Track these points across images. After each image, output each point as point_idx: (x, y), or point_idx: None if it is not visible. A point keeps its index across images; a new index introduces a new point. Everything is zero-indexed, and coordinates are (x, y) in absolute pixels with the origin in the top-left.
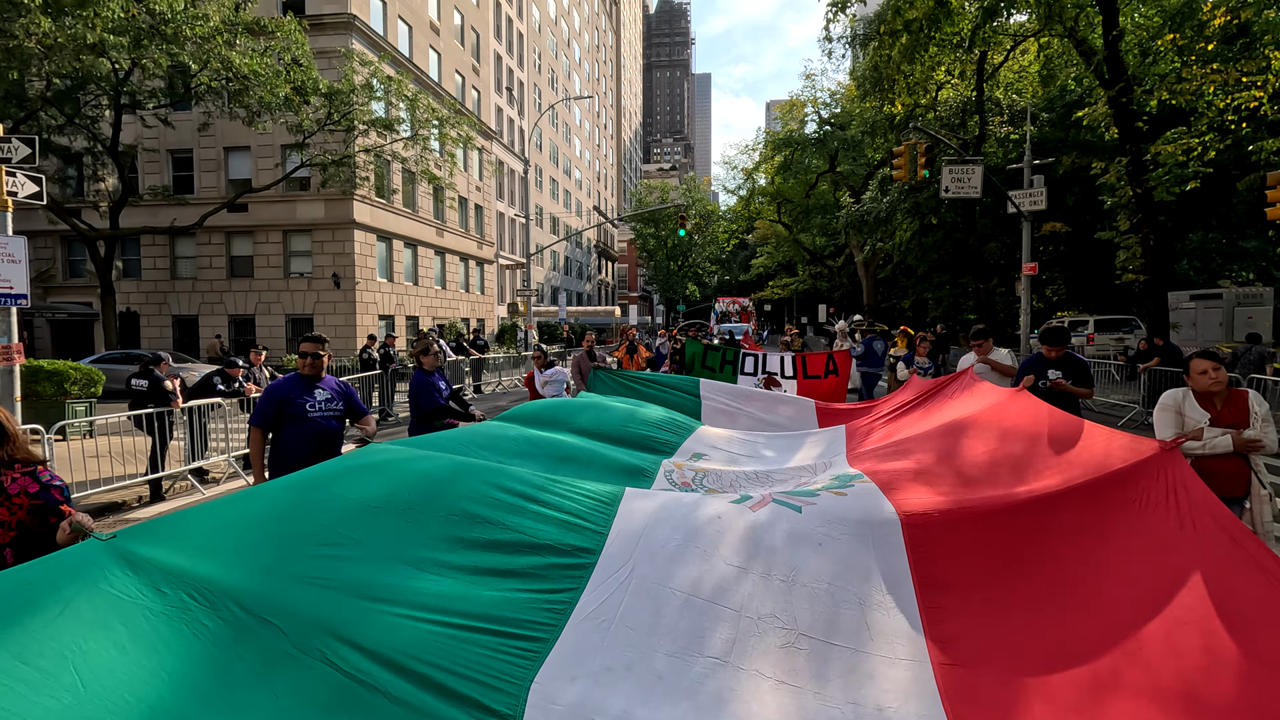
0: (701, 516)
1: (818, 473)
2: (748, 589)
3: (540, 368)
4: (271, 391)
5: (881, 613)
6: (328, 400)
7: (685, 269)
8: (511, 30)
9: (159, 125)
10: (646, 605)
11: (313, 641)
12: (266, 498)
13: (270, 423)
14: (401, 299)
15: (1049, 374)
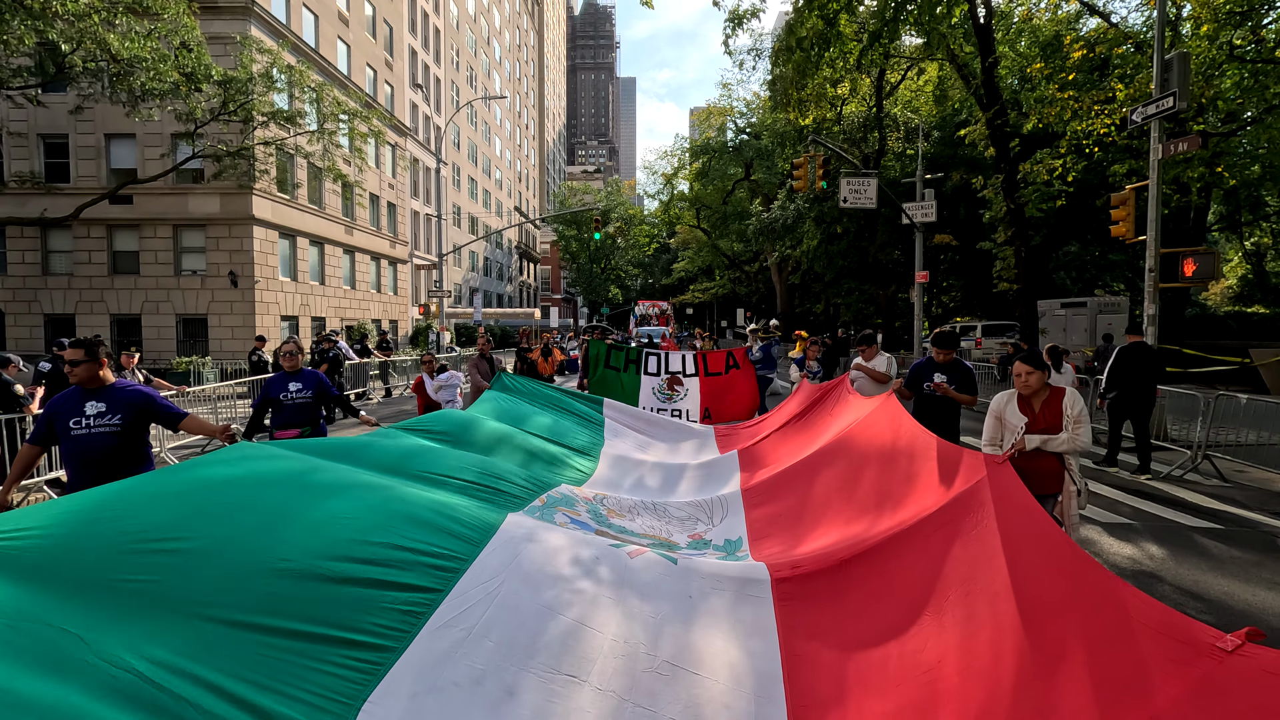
0: (583, 551)
1: (714, 514)
2: (617, 617)
3: (431, 373)
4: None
5: (741, 652)
6: (100, 415)
7: (608, 272)
8: (428, 25)
9: (27, 105)
10: (513, 619)
11: (115, 650)
12: (97, 495)
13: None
14: (306, 299)
15: (934, 377)
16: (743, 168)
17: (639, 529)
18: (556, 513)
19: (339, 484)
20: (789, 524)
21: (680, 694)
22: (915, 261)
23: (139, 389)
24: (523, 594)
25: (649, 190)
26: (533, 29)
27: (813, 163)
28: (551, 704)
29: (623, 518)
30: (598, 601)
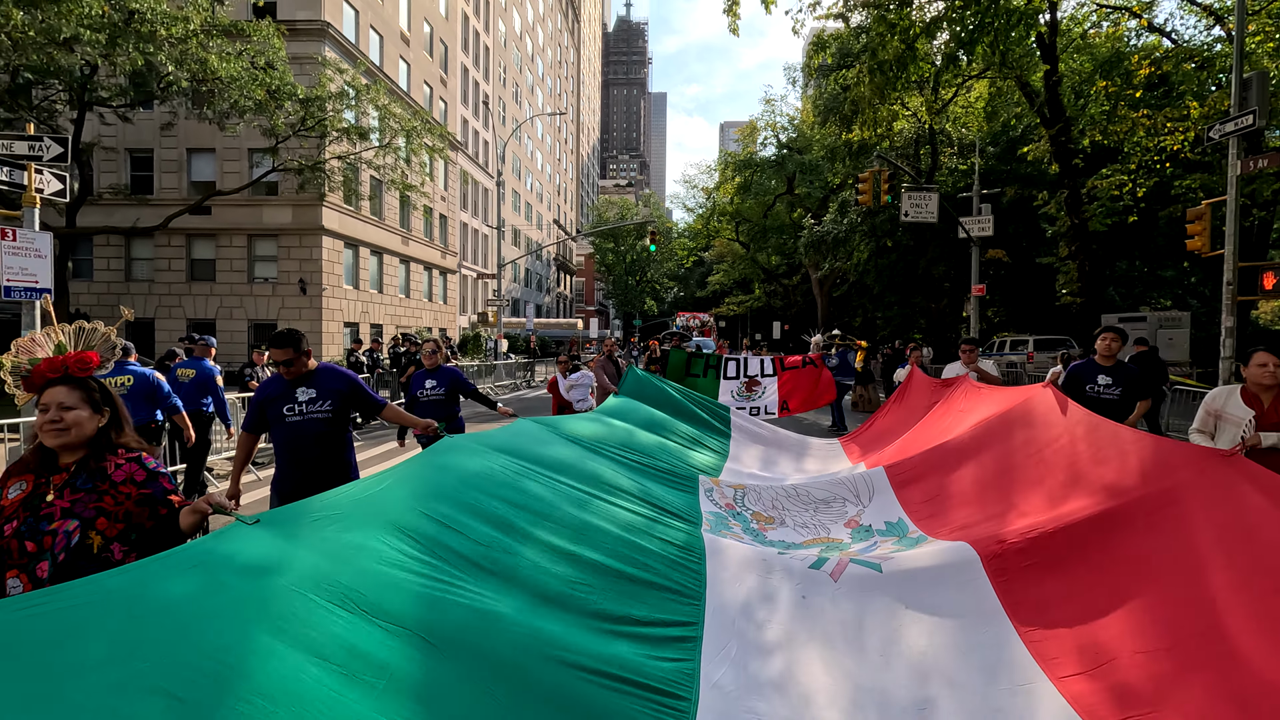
0: (784, 594)
1: (859, 492)
2: (851, 660)
3: (564, 372)
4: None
5: (988, 650)
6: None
7: (643, 284)
8: (478, 44)
9: (118, 123)
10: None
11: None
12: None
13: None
14: (367, 306)
15: (1098, 379)
16: (785, 182)
17: (796, 535)
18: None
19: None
20: (956, 503)
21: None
22: (971, 275)
23: (345, 374)
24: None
25: (687, 204)
26: (571, 45)
27: (876, 178)
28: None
29: (773, 525)
30: (819, 644)
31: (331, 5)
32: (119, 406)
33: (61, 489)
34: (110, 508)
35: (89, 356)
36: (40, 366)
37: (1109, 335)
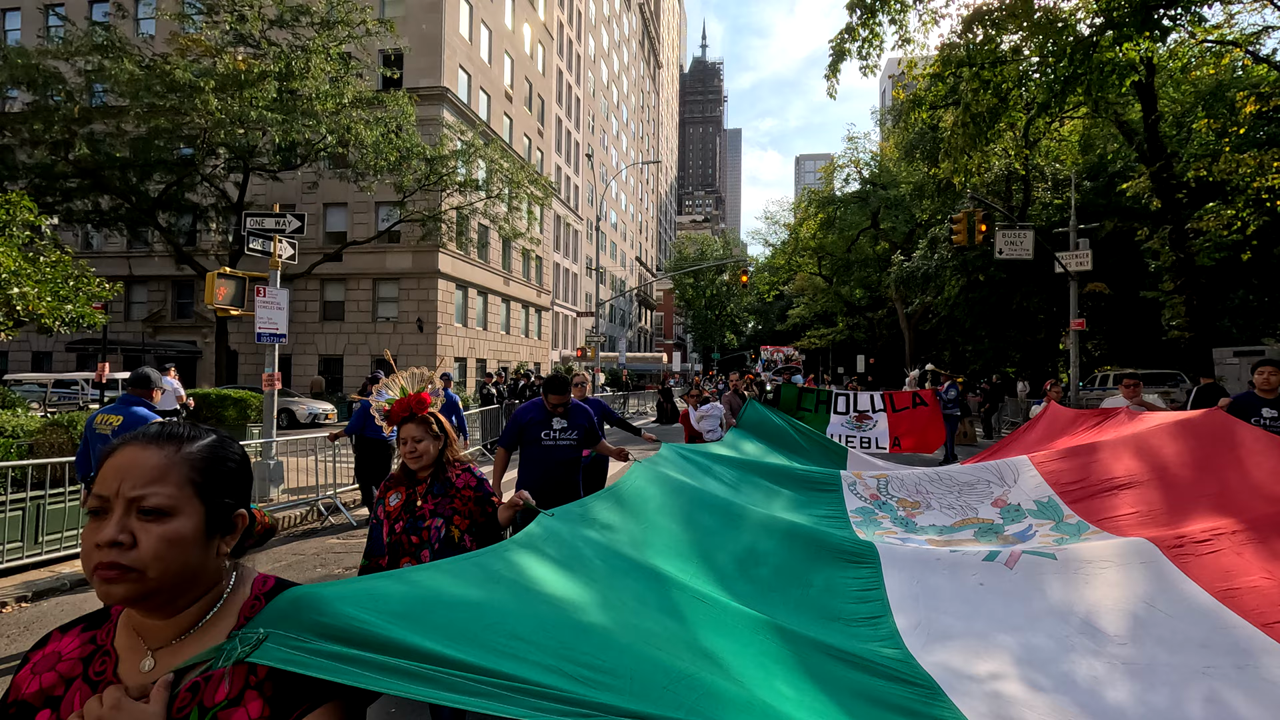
0: (961, 584)
1: (1004, 475)
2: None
3: (695, 405)
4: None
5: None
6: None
7: (723, 318)
8: (570, 96)
9: (268, 183)
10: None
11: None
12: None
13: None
14: (473, 342)
15: (1263, 413)
16: (869, 217)
17: (944, 518)
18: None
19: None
20: (1113, 492)
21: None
22: (1070, 310)
23: (588, 411)
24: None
25: (769, 239)
26: (652, 90)
27: (971, 219)
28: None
29: (919, 509)
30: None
31: (449, 72)
32: (449, 432)
33: (425, 496)
34: (460, 508)
35: (424, 398)
36: (394, 407)
37: (1268, 368)
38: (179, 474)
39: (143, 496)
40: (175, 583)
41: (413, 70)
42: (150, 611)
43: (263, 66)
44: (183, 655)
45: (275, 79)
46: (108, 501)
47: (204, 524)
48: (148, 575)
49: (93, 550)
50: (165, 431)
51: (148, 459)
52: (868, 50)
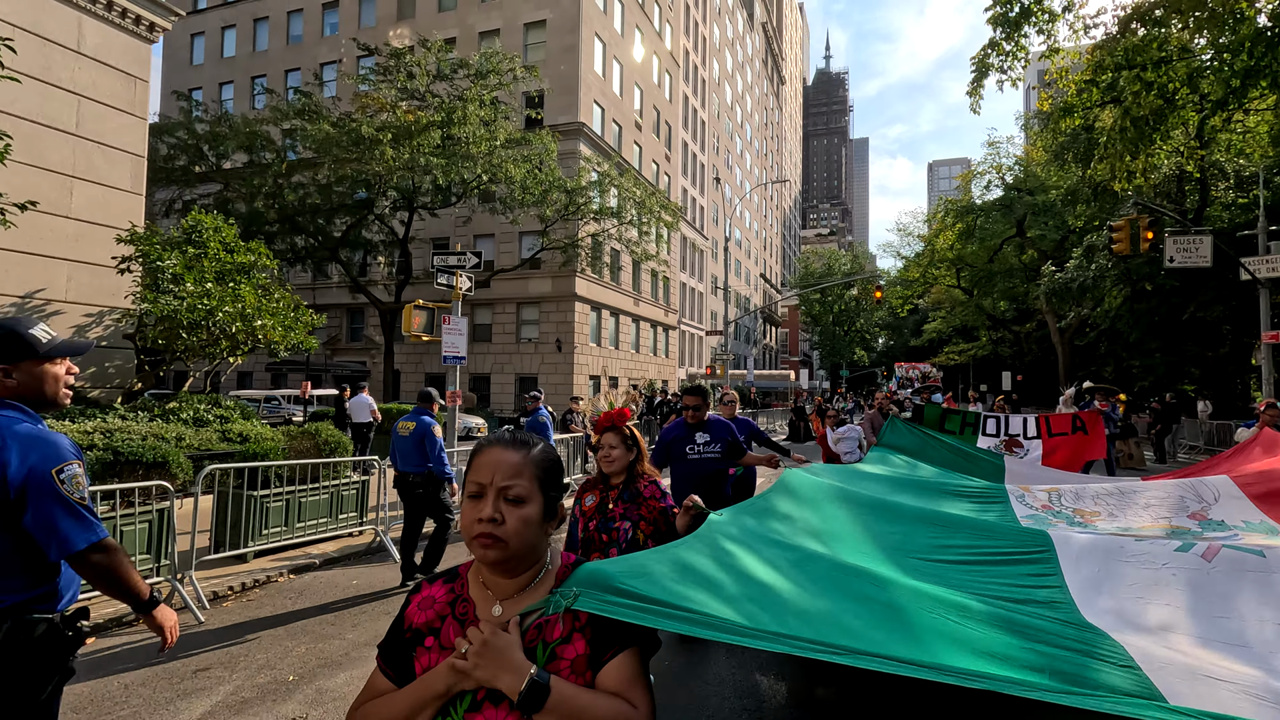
0: (1149, 574)
1: (1202, 495)
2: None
3: (832, 425)
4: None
5: None
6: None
7: (852, 334)
8: (696, 119)
9: (426, 219)
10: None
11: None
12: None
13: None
14: (606, 361)
15: None
16: (1014, 225)
17: (1128, 523)
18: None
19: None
20: None
21: None
22: (1260, 320)
23: (730, 425)
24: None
25: (902, 251)
26: (775, 107)
27: (1134, 225)
28: None
29: (1099, 517)
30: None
31: (585, 108)
32: (642, 446)
33: (616, 500)
34: (645, 514)
35: (625, 412)
36: (600, 419)
37: None
38: (530, 472)
39: (509, 486)
40: (524, 552)
41: (552, 108)
42: (502, 572)
43: (427, 117)
44: (521, 605)
45: (438, 127)
46: (483, 489)
47: (543, 511)
48: (510, 545)
49: (474, 524)
50: (518, 439)
51: (510, 458)
52: (1010, 64)
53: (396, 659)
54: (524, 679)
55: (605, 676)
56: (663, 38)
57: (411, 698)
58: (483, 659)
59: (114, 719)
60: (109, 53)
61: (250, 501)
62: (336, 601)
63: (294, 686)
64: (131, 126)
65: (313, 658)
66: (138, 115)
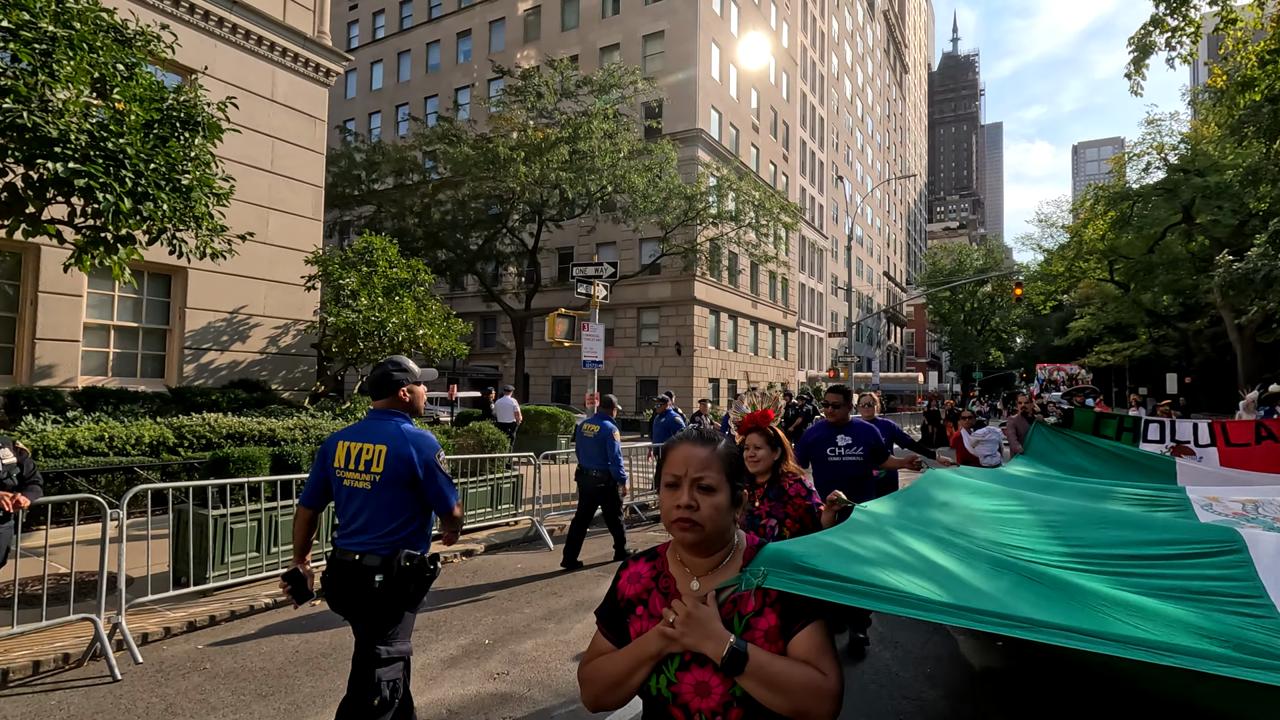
0: None
1: None
2: None
3: (969, 428)
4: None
5: None
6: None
7: (986, 333)
8: (814, 117)
9: (551, 230)
10: None
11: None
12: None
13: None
14: (725, 364)
15: None
16: (1179, 210)
17: None
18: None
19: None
20: None
21: None
22: None
23: (872, 428)
24: None
25: (1042, 243)
26: (898, 98)
27: None
28: None
29: None
30: None
31: (702, 114)
32: (786, 445)
33: (762, 498)
34: (791, 512)
35: (769, 414)
36: (744, 420)
37: None
38: (717, 464)
39: (701, 477)
40: (717, 534)
41: (670, 116)
42: (698, 552)
43: (555, 134)
44: (715, 581)
45: (565, 143)
46: (679, 480)
47: (730, 498)
48: (705, 528)
49: (672, 509)
50: (705, 435)
51: (700, 453)
52: (1178, 39)
53: (614, 624)
54: (725, 646)
55: (795, 646)
56: (779, 36)
57: (630, 657)
58: (688, 628)
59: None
60: (295, 98)
61: None
62: (508, 581)
63: (490, 649)
64: (312, 161)
65: (500, 627)
66: (317, 151)
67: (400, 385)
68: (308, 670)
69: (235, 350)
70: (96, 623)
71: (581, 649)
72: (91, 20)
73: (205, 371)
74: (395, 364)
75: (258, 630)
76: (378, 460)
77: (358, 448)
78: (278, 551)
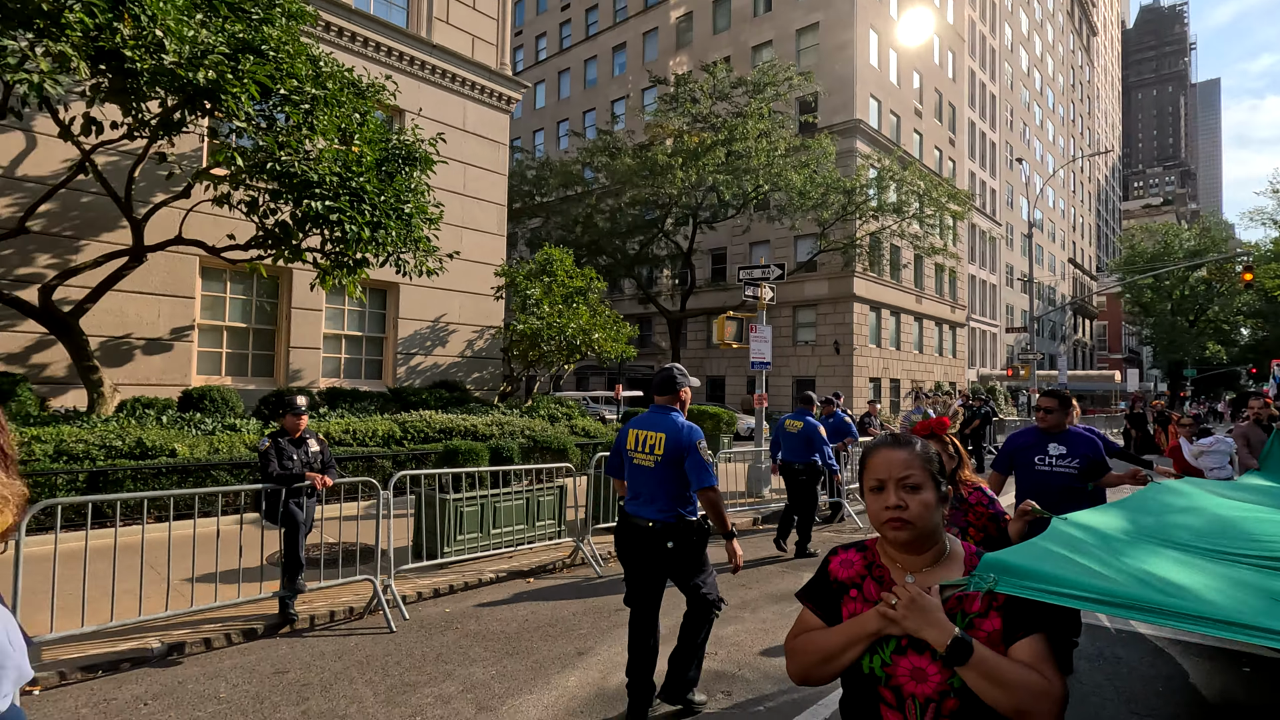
0: None
1: None
2: None
3: (1190, 437)
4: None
5: None
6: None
7: (1201, 325)
8: (984, 95)
9: (704, 231)
10: None
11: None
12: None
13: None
14: (887, 363)
15: None
16: None
17: None
18: None
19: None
20: None
21: None
22: None
23: (1093, 439)
24: None
25: (1277, 217)
26: (1085, 64)
27: None
28: None
29: None
30: None
31: (860, 104)
32: (962, 454)
33: None
34: (974, 521)
35: (944, 421)
36: (917, 427)
37: None
38: (919, 463)
39: (906, 477)
40: (928, 532)
41: (826, 109)
42: (910, 550)
43: (711, 138)
44: (931, 579)
45: (721, 145)
46: (883, 482)
47: (936, 496)
48: (916, 525)
49: (881, 511)
50: (900, 439)
51: (900, 455)
52: None
53: (824, 603)
54: (948, 635)
55: (1017, 651)
56: (944, 12)
57: (846, 634)
58: (911, 612)
59: (575, 635)
60: (482, 126)
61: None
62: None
63: None
64: (497, 182)
65: None
66: (500, 172)
67: (680, 387)
68: (540, 636)
69: (436, 354)
70: (375, 583)
71: (775, 638)
72: (339, 79)
73: (414, 373)
74: (677, 369)
75: (489, 600)
76: (659, 445)
77: (644, 435)
78: (497, 533)
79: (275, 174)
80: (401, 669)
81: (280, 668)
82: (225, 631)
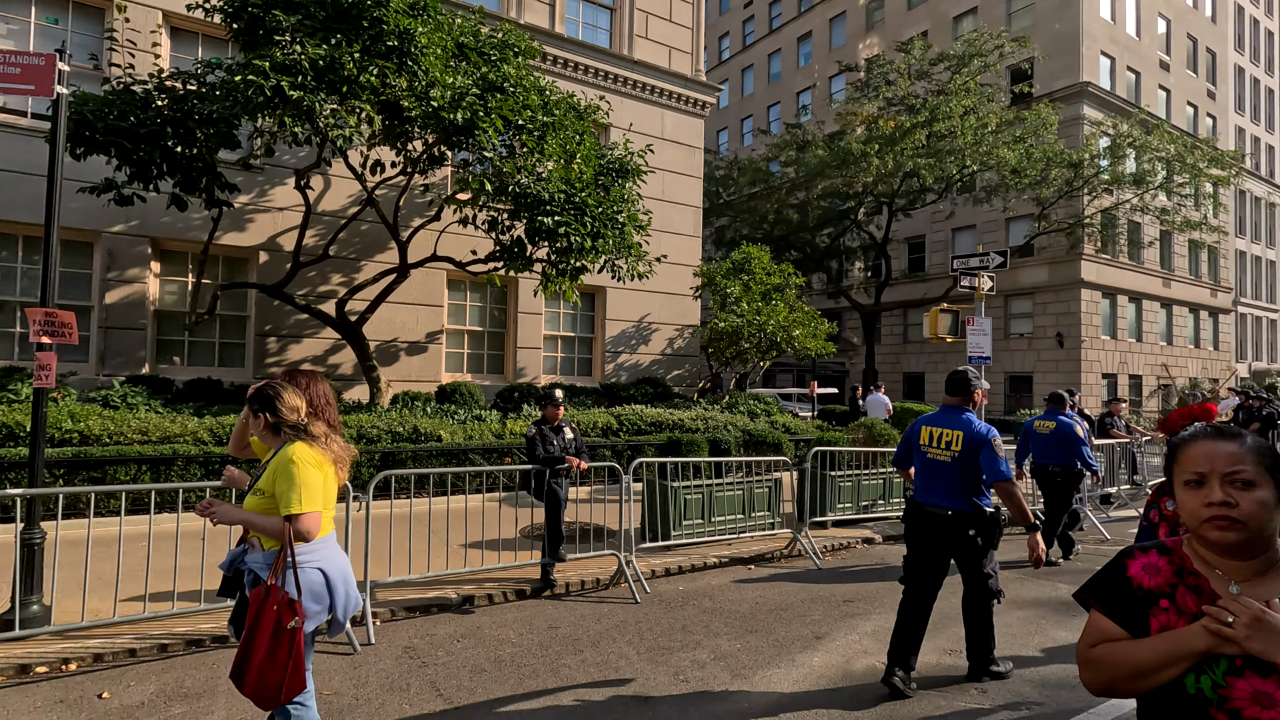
0: None
1: None
2: None
3: None
4: None
5: None
6: None
7: None
8: (1257, 33)
9: (900, 219)
10: None
11: None
12: None
13: None
14: (1124, 356)
15: None
16: None
17: None
18: None
19: None
20: None
21: None
22: None
23: None
24: None
25: None
26: None
27: None
28: None
29: None
30: None
31: (1089, 64)
32: None
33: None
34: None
35: (1210, 407)
36: (1173, 415)
37: None
38: (1252, 458)
39: (1236, 471)
40: (1263, 535)
41: (1045, 75)
42: (1236, 555)
43: (910, 120)
44: (1257, 589)
45: (921, 127)
46: (1203, 477)
47: (1275, 495)
48: (1248, 526)
49: (1201, 508)
50: (1226, 431)
51: (1227, 448)
52: None
53: (1125, 612)
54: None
55: None
56: None
57: (1165, 650)
58: (1256, 632)
59: (808, 620)
60: (679, 132)
61: (828, 481)
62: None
63: (932, 627)
64: (692, 186)
65: None
66: (695, 176)
67: (975, 389)
68: (774, 619)
69: (640, 353)
70: (620, 558)
71: (1022, 644)
72: (562, 105)
73: (620, 370)
74: (972, 372)
75: (716, 583)
76: (956, 441)
77: (939, 431)
78: (718, 521)
79: (514, 195)
80: (655, 634)
81: (553, 624)
82: (502, 590)
